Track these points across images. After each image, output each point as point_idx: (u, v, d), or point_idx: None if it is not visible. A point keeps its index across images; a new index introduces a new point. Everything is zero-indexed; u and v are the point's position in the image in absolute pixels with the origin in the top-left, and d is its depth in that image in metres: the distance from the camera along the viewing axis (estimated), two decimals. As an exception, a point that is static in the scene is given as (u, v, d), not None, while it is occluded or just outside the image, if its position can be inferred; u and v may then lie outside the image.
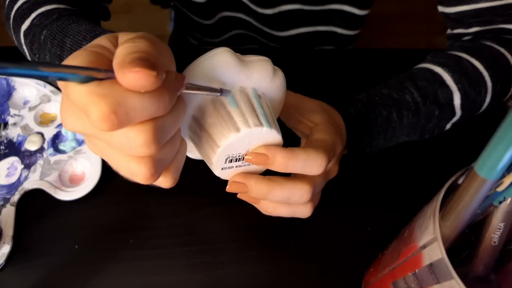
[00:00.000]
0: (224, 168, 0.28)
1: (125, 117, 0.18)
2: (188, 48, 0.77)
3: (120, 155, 0.21)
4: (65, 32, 0.35)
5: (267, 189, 0.27)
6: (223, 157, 0.26)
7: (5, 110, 0.49)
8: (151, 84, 0.18)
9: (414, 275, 0.29)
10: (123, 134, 0.19)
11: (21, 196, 0.43)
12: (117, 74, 0.18)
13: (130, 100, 0.18)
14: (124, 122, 0.18)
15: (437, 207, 0.28)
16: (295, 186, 0.28)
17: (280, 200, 0.28)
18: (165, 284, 0.40)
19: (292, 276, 0.41)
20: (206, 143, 0.26)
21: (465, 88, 0.40)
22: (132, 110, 0.18)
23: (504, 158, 0.22)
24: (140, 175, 0.21)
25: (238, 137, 0.25)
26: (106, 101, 0.17)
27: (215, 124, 0.26)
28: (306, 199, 0.28)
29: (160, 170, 0.22)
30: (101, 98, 0.17)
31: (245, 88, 0.27)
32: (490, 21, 0.44)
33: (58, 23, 0.36)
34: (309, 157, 0.27)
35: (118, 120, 0.18)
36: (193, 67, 0.25)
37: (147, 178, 0.21)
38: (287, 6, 0.59)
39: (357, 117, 0.37)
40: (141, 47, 0.19)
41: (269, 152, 0.27)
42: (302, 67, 0.58)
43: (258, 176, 0.28)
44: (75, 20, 0.36)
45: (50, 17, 0.37)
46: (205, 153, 0.27)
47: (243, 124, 0.25)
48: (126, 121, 0.18)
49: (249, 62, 0.27)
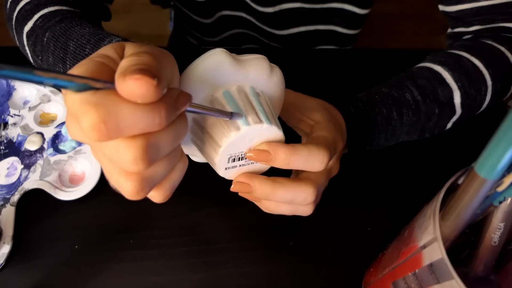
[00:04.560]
0: (227, 168, 0.28)
1: (115, 128, 0.17)
2: (188, 48, 0.77)
3: (112, 167, 0.21)
4: (68, 35, 0.35)
5: (271, 190, 0.27)
6: (226, 156, 0.26)
7: (5, 110, 0.49)
8: (151, 94, 0.17)
9: (414, 275, 0.29)
10: (114, 147, 0.19)
11: (21, 196, 0.43)
12: (117, 82, 0.17)
13: (122, 111, 0.17)
14: (114, 133, 0.17)
15: (437, 207, 0.27)
16: (299, 188, 0.28)
17: (284, 201, 0.28)
18: (165, 284, 0.40)
19: (292, 276, 0.41)
20: (208, 144, 0.26)
21: (465, 86, 0.40)
22: (124, 122, 0.17)
23: (504, 158, 0.22)
24: (126, 190, 0.21)
25: (239, 136, 0.25)
26: (97, 110, 0.17)
27: (215, 125, 0.26)
28: (310, 201, 0.28)
29: (148, 188, 0.21)
30: (92, 107, 0.17)
31: (243, 87, 0.27)
32: (491, 20, 0.44)
33: (61, 25, 0.36)
34: (311, 153, 0.27)
35: (108, 130, 0.17)
36: (189, 71, 0.25)
37: (132, 194, 0.21)
38: (288, 4, 0.59)
39: (358, 115, 0.37)
40: (145, 60, 0.19)
41: (270, 149, 0.27)
42: (303, 66, 0.58)
43: (262, 176, 0.28)
44: (78, 23, 0.36)
45: (53, 19, 0.37)
46: (208, 154, 0.27)
47: (243, 122, 0.25)
48: (116, 132, 0.18)
49: (245, 61, 0.27)
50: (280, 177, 0.28)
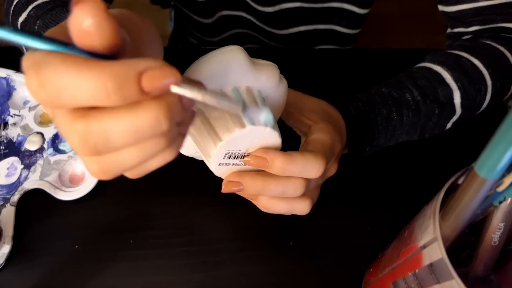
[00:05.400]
0: (221, 164, 0.28)
1: (55, 95, 0.16)
2: (188, 48, 0.77)
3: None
4: (57, 21, 0.36)
5: (262, 184, 0.28)
6: (223, 151, 0.26)
7: (5, 110, 0.49)
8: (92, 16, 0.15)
9: (414, 275, 0.29)
10: (60, 123, 0.17)
11: (21, 196, 0.43)
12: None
13: (63, 77, 0.15)
14: (54, 101, 0.16)
15: (437, 207, 0.28)
16: (289, 180, 0.28)
17: (276, 194, 0.29)
18: (165, 284, 0.40)
19: (292, 276, 0.41)
20: (207, 135, 0.26)
21: (465, 86, 0.40)
22: (64, 89, 0.16)
23: (504, 158, 0.22)
24: (89, 169, 0.19)
25: (242, 133, 0.25)
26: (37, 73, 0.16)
27: (219, 118, 0.26)
28: (300, 192, 0.29)
29: (112, 173, 0.19)
30: (33, 69, 0.16)
31: (252, 88, 0.27)
32: (490, 20, 0.44)
33: (52, 13, 0.37)
34: (307, 162, 0.27)
35: (47, 96, 0.16)
36: (204, 60, 0.25)
37: (95, 175, 0.20)
38: (288, 4, 0.59)
39: (357, 116, 0.37)
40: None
41: (268, 156, 0.27)
42: (302, 66, 0.58)
43: (252, 172, 0.28)
44: (68, 10, 0.36)
45: (44, 7, 0.38)
46: (204, 146, 0.27)
47: (248, 121, 0.25)
48: (57, 100, 0.16)
49: (259, 65, 0.27)
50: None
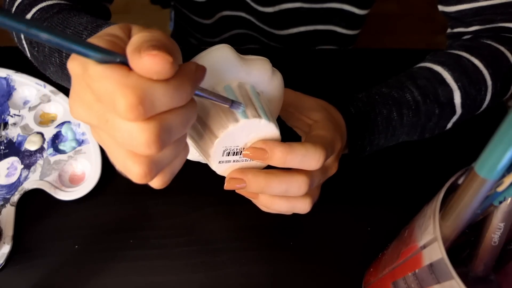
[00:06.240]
0: (221, 162, 0.28)
1: (151, 107, 0.18)
2: (188, 48, 0.77)
3: (119, 149, 0.21)
4: (65, 24, 0.35)
5: (265, 182, 0.27)
6: (221, 148, 0.26)
7: (5, 110, 0.49)
8: (167, 70, 0.18)
9: (414, 275, 0.29)
10: (127, 129, 0.19)
11: (21, 196, 0.43)
12: (132, 59, 0.18)
13: (156, 90, 0.18)
14: (150, 113, 0.18)
15: (437, 207, 0.28)
16: (292, 177, 0.28)
17: (278, 193, 0.28)
18: (165, 284, 0.40)
19: (292, 276, 0.41)
20: (205, 135, 0.26)
21: (465, 86, 0.40)
22: (158, 100, 0.18)
23: (504, 158, 0.22)
24: (133, 173, 0.21)
25: (236, 127, 0.25)
26: (135, 92, 0.18)
27: (214, 116, 0.26)
28: (304, 191, 0.28)
29: (155, 172, 0.21)
30: (129, 89, 0.18)
31: (244, 83, 0.27)
32: (490, 20, 0.44)
33: (59, 16, 0.36)
34: (307, 152, 0.27)
35: (145, 110, 0.18)
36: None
37: (140, 177, 0.21)
38: (288, 4, 0.59)
39: (358, 116, 0.37)
40: (157, 37, 0.19)
41: (267, 147, 0.27)
42: (302, 67, 0.58)
43: (255, 169, 0.28)
44: (76, 14, 0.36)
45: (51, 10, 0.37)
46: (203, 146, 0.27)
47: (241, 115, 0.25)
48: (152, 111, 0.18)
49: (249, 60, 0.27)
50: (273, 169, 0.28)
